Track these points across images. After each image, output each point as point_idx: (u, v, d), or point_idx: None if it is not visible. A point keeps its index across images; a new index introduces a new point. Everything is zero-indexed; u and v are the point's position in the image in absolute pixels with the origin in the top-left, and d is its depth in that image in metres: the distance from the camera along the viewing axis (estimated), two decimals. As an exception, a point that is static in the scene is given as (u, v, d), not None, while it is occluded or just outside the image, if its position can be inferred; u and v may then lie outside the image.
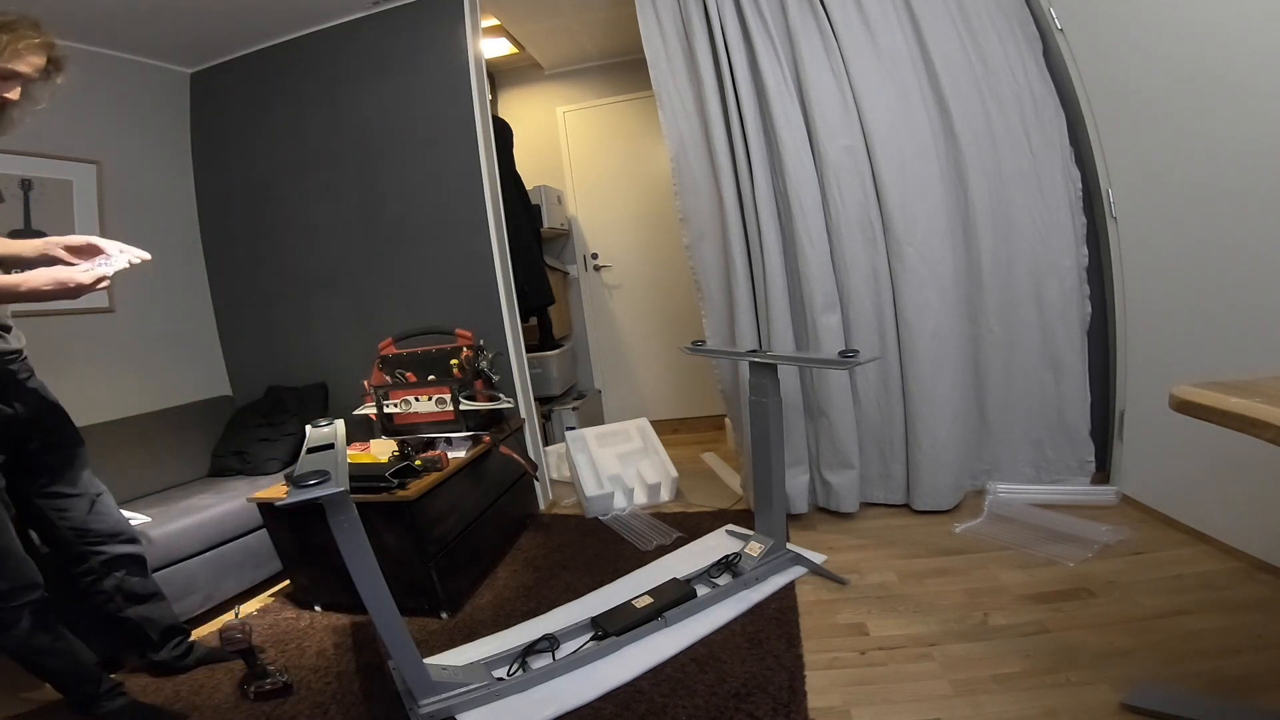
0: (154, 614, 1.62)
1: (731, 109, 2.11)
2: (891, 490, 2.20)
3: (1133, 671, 1.24)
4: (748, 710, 1.28)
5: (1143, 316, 1.94)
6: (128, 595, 1.56)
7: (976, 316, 2.14)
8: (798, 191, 2.06)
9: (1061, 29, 1.98)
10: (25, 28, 1.23)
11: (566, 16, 3.09)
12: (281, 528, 1.94)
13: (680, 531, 2.23)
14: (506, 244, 2.63)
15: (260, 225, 2.78)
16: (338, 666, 1.63)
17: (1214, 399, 0.78)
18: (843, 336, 2.12)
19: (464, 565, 1.97)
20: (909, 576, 1.75)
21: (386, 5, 2.54)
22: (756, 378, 1.82)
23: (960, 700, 1.24)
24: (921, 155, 2.03)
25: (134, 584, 1.57)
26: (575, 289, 3.88)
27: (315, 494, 1.06)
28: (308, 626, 1.88)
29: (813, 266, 2.07)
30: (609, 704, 1.35)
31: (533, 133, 3.71)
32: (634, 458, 2.74)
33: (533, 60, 3.63)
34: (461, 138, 2.50)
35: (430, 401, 2.12)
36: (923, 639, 1.46)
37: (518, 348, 2.63)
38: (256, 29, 2.59)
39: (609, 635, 1.54)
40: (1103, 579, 1.60)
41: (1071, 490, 2.09)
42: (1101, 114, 1.94)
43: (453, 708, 1.34)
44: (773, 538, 1.84)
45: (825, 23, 2.06)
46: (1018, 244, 2.09)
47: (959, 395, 2.10)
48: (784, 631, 1.54)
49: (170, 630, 1.65)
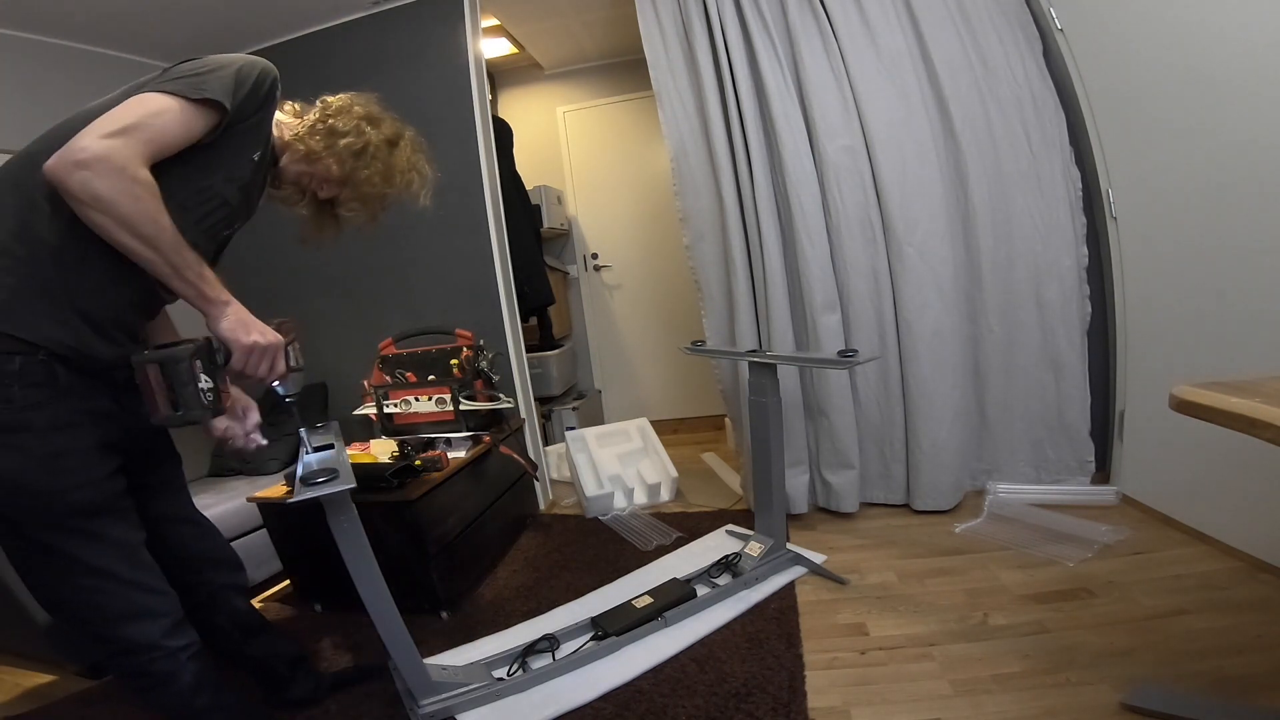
0: (277, 646, 1.41)
1: (731, 109, 2.11)
2: (891, 490, 2.20)
3: (1133, 671, 1.24)
4: (748, 710, 1.28)
5: (1143, 316, 1.94)
6: (245, 629, 1.34)
7: (976, 316, 2.14)
8: (798, 191, 2.06)
9: (1061, 29, 1.98)
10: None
11: (566, 16, 3.09)
12: (281, 528, 1.94)
13: (680, 531, 2.23)
14: (506, 244, 2.63)
15: (260, 225, 2.76)
16: (338, 666, 1.63)
17: (1214, 399, 0.78)
18: (843, 336, 2.12)
19: (464, 565, 1.97)
20: (909, 576, 1.75)
21: (386, 5, 2.54)
22: (756, 378, 1.82)
23: (960, 700, 1.24)
24: (921, 155, 2.03)
25: (246, 616, 1.35)
26: (575, 289, 3.88)
27: (325, 491, 1.06)
28: (308, 626, 1.88)
29: (813, 266, 2.07)
30: (609, 704, 1.35)
31: (533, 133, 3.71)
32: (634, 458, 2.74)
33: (533, 60, 3.62)
34: (461, 138, 2.50)
35: (430, 401, 2.12)
36: (923, 639, 1.46)
37: (518, 348, 2.63)
38: (256, 29, 2.59)
39: (609, 635, 1.54)
40: (1103, 579, 1.60)
41: (1071, 490, 2.09)
42: (1101, 114, 1.94)
43: (453, 708, 1.34)
44: (773, 538, 1.84)
45: (825, 23, 2.06)
46: (1018, 244, 2.09)
47: (959, 395, 2.10)
48: (784, 631, 1.54)
49: (297, 660, 1.44)
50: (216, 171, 1.04)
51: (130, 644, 1.04)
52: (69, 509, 0.97)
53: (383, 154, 1.20)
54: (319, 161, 1.16)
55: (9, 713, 1.60)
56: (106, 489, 1.02)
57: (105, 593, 1.01)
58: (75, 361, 0.97)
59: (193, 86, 0.96)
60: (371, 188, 1.20)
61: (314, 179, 1.19)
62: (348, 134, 1.16)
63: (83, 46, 2.38)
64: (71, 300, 0.95)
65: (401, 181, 1.24)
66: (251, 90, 1.02)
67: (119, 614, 1.03)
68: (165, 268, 0.95)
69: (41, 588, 1.04)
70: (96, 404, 1.01)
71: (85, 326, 0.97)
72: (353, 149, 1.16)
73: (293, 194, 1.21)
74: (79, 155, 0.85)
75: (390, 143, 1.22)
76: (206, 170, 1.02)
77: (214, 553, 1.31)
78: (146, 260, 0.93)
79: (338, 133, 1.16)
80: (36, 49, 2.27)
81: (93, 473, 1.00)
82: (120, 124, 0.89)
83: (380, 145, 1.20)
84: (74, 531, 0.98)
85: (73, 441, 0.97)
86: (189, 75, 0.97)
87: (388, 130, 1.23)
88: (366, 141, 1.18)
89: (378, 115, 1.23)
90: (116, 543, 1.03)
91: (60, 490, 0.96)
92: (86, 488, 0.98)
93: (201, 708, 1.11)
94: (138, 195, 0.89)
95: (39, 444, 0.93)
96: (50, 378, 0.94)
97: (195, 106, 0.96)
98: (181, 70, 0.99)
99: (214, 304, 1.01)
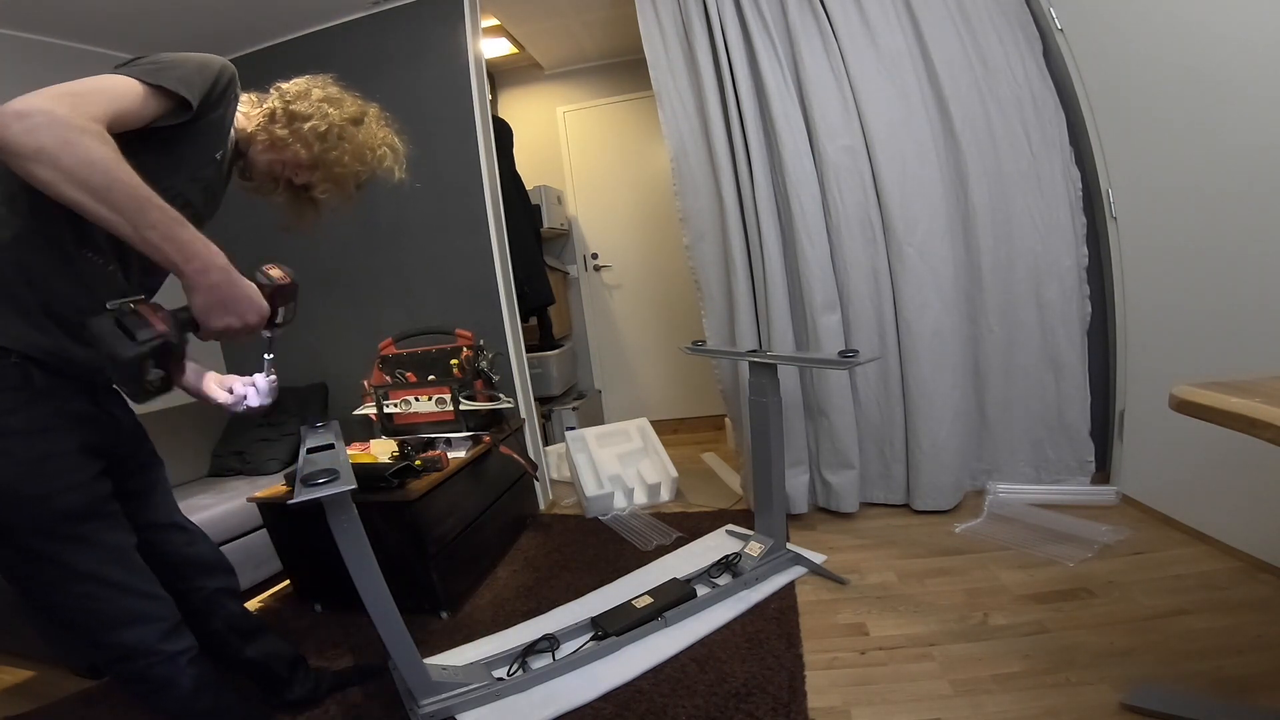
0: (275, 647, 1.40)
1: (731, 109, 2.11)
2: (891, 490, 2.20)
3: (1133, 671, 1.24)
4: (748, 710, 1.28)
5: (1143, 316, 1.94)
6: (241, 632, 1.33)
7: (976, 316, 2.14)
8: (798, 191, 2.06)
9: (1061, 29, 1.98)
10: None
11: (566, 16, 3.09)
12: (281, 528, 1.94)
13: (680, 531, 2.23)
14: (506, 244, 2.63)
15: (259, 225, 2.77)
16: (337, 666, 1.63)
17: (1214, 399, 0.78)
18: (843, 336, 2.12)
19: (464, 565, 1.97)
20: (909, 576, 1.75)
21: (386, 5, 2.54)
22: (756, 378, 1.82)
23: (960, 700, 1.24)
24: (921, 155, 2.03)
25: (240, 619, 1.35)
26: (575, 289, 3.88)
27: (326, 492, 1.06)
28: (308, 626, 1.88)
29: (813, 266, 2.07)
30: (609, 704, 1.35)
31: (533, 133, 3.71)
32: (634, 458, 2.74)
33: (533, 60, 3.62)
34: (461, 138, 2.50)
35: (430, 401, 2.12)
36: (923, 639, 1.46)
37: (518, 348, 2.63)
38: (256, 29, 2.59)
39: (609, 635, 1.54)
40: (1103, 579, 1.60)
41: (1071, 490, 2.09)
42: (1101, 114, 1.94)
43: (453, 708, 1.34)
44: (773, 538, 1.84)
45: (825, 23, 2.06)
46: (1018, 244, 2.09)
47: (959, 395, 2.10)
48: (784, 631, 1.54)
49: (296, 661, 1.44)
50: (180, 172, 1.01)
51: (127, 650, 1.02)
52: (57, 514, 0.95)
53: (349, 133, 1.19)
54: (286, 148, 1.15)
55: (9, 712, 1.59)
56: (93, 492, 1.00)
57: (99, 598, 1.00)
58: (51, 364, 0.94)
59: (150, 74, 0.92)
60: (343, 168, 1.19)
61: (285, 166, 1.17)
62: (310, 117, 1.14)
63: (83, 46, 2.39)
64: (43, 305, 0.92)
65: (373, 158, 1.23)
66: (210, 86, 0.99)
67: (114, 620, 1.01)
68: (126, 227, 0.83)
69: (35, 596, 1.01)
70: (74, 406, 0.99)
71: (59, 330, 0.94)
72: (317, 131, 1.14)
73: (266, 183, 1.20)
74: (19, 106, 0.77)
75: (354, 121, 1.21)
76: (170, 171, 0.99)
77: (204, 558, 1.29)
78: (106, 221, 0.82)
79: (299, 116, 1.14)
80: (37, 49, 2.27)
81: (78, 476, 0.98)
82: (70, 88, 0.83)
83: (344, 125, 1.18)
84: (64, 537, 0.96)
85: (54, 445, 0.95)
86: (148, 63, 0.94)
87: (350, 110, 1.21)
88: (330, 123, 1.16)
89: (336, 96, 1.21)
90: (107, 547, 1.01)
91: (46, 495, 0.94)
92: (73, 491, 0.97)
93: (202, 711, 1.10)
94: (86, 144, 0.79)
95: (20, 449, 0.91)
96: (25, 381, 0.91)
97: (151, 90, 0.91)
98: (140, 61, 0.95)
99: (186, 272, 0.89)
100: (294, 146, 1.14)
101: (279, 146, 1.14)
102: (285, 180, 1.20)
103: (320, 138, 1.15)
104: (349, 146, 1.18)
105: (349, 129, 1.19)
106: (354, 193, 1.26)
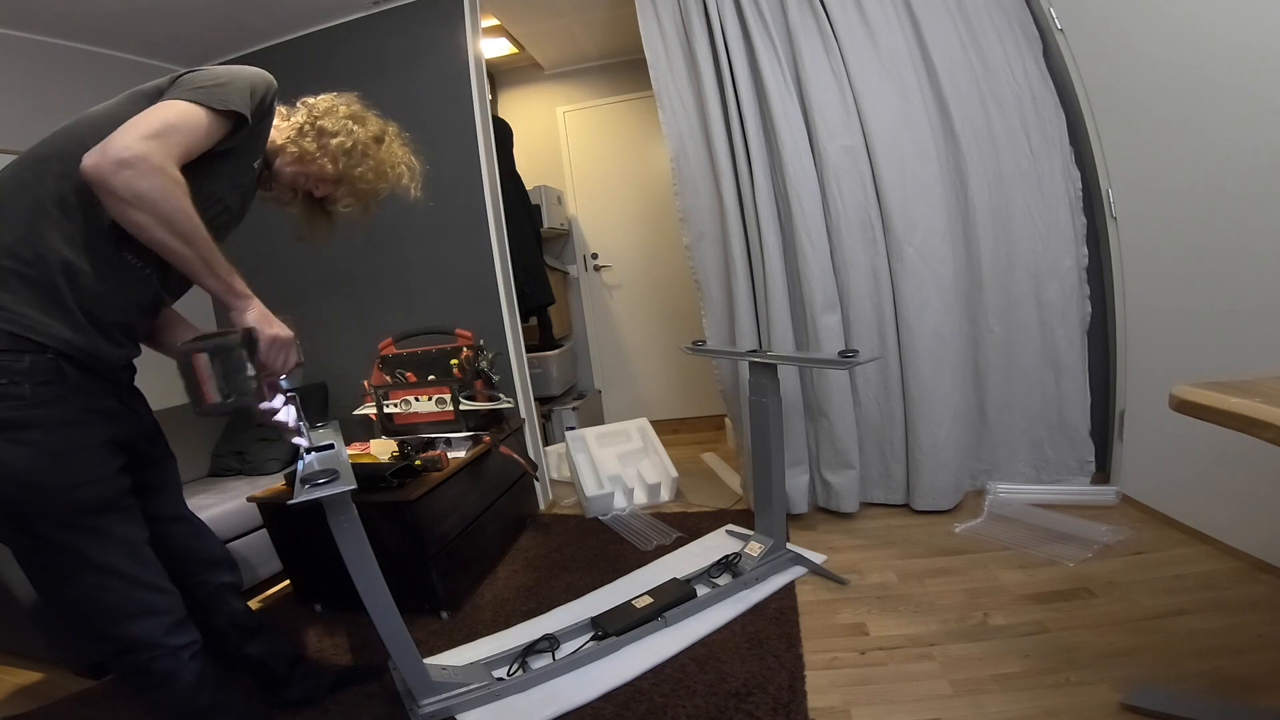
0: (276, 646, 1.41)
1: (731, 109, 2.10)
2: (891, 490, 2.20)
3: (1133, 671, 1.24)
4: (748, 710, 1.28)
5: (1143, 316, 1.94)
6: (242, 630, 1.34)
7: (976, 316, 2.14)
8: (798, 191, 2.06)
9: (1061, 29, 1.98)
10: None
11: (566, 17, 3.09)
12: (281, 528, 1.93)
13: (680, 531, 2.23)
14: (506, 244, 2.63)
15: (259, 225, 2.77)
16: (337, 666, 1.63)
17: (1214, 399, 0.78)
18: (843, 336, 2.12)
19: (464, 565, 1.96)
20: (909, 576, 1.75)
21: (386, 5, 2.54)
22: (756, 378, 1.82)
23: (960, 700, 1.24)
24: (921, 155, 2.03)
25: (243, 616, 1.35)
26: (575, 289, 3.88)
27: (326, 492, 1.06)
28: (308, 626, 1.88)
29: (813, 266, 2.07)
30: (609, 704, 1.35)
31: (533, 133, 3.71)
32: (634, 458, 2.74)
33: (533, 60, 3.63)
34: (461, 138, 2.50)
35: (430, 401, 2.12)
36: (923, 639, 1.46)
37: (518, 348, 2.63)
38: (256, 29, 2.59)
39: (609, 635, 1.54)
40: (1103, 579, 1.60)
41: (1071, 490, 2.09)
42: (1101, 114, 1.94)
43: (453, 708, 1.34)
44: (773, 538, 1.84)
45: (825, 23, 2.06)
46: (1018, 244, 2.09)
47: (959, 395, 2.10)
48: (784, 631, 1.54)
49: (296, 660, 1.45)
50: (222, 179, 1.07)
51: (133, 642, 1.04)
52: (78, 506, 0.98)
53: (372, 150, 1.25)
54: (313, 162, 1.20)
55: (8, 712, 1.59)
56: (114, 486, 1.03)
57: (110, 590, 1.01)
58: (83, 361, 0.98)
59: (215, 97, 0.99)
60: (365, 184, 1.25)
61: (309, 179, 1.23)
62: (338, 134, 1.20)
63: (83, 46, 2.39)
64: (80, 305, 0.97)
65: (393, 175, 1.29)
66: (260, 102, 1.06)
67: (123, 611, 1.03)
68: (199, 264, 0.97)
69: (46, 585, 1.04)
70: (103, 403, 1.03)
71: (93, 329, 0.99)
72: (344, 148, 1.20)
73: (285, 194, 1.25)
74: (123, 154, 0.87)
75: (377, 139, 1.27)
76: (215, 177, 1.05)
77: (209, 552, 1.31)
78: (181, 257, 0.95)
79: (328, 133, 1.20)
80: (36, 49, 2.27)
81: (101, 470, 1.01)
82: (155, 127, 0.92)
83: (369, 142, 1.24)
84: (82, 528, 0.99)
85: (82, 439, 0.98)
86: (209, 85, 1.00)
87: (373, 128, 1.27)
88: (355, 140, 1.22)
89: (361, 114, 1.27)
90: (123, 540, 1.04)
91: (70, 487, 0.96)
92: (95, 484, 0.99)
93: (203, 707, 1.11)
94: (177, 194, 0.92)
95: (50, 440, 0.94)
96: (59, 376, 0.95)
97: (217, 116, 0.99)
98: (195, 81, 1.01)
99: (241, 298, 1.04)
100: (320, 161, 1.20)
101: (306, 160, 1.20)
102: (304, 192, 1.25)
103: (346, 154, 1.21)
104: (372, 163, 1.24)
105: (372, 146, 1.25)
106: (373, 208, 1.31)
